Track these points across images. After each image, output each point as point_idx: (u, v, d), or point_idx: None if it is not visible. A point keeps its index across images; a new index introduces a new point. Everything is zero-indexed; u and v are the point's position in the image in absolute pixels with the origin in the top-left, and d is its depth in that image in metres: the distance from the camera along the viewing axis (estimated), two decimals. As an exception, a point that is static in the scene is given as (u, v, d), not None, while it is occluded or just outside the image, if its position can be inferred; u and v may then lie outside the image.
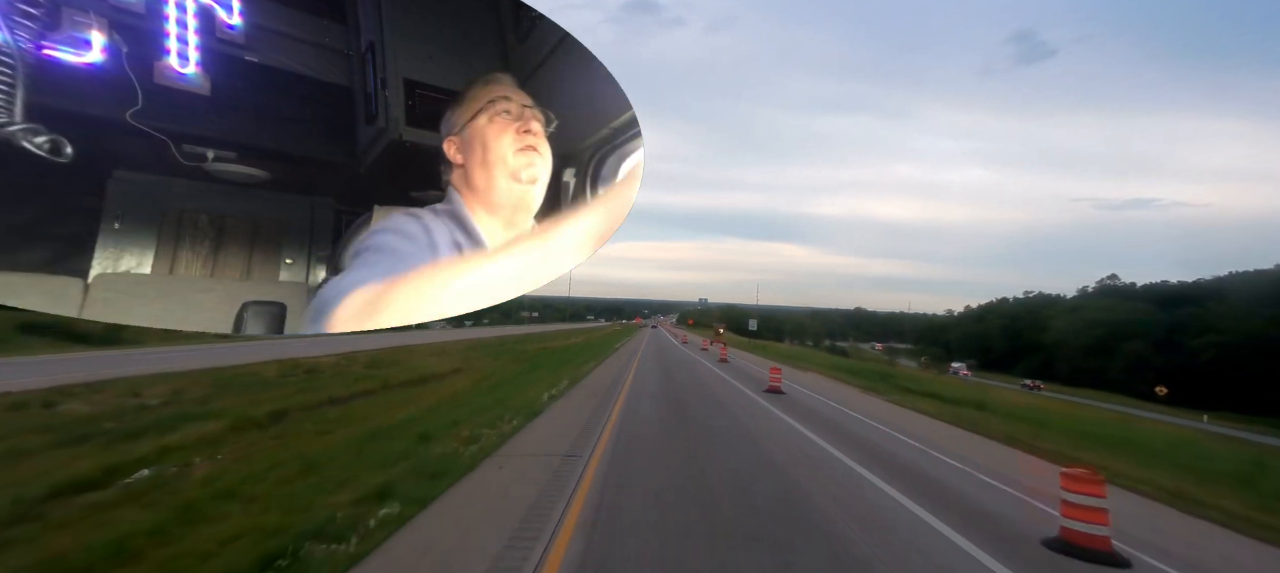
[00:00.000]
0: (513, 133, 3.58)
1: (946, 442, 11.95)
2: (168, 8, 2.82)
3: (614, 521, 5.85)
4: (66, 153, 2.65)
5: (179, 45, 2.85)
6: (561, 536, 5.36)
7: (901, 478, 8.24)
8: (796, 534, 5.66)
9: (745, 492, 7.14)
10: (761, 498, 6.86)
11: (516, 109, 3.62)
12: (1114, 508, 5.75)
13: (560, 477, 7.38)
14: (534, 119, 3.67)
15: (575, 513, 5.98)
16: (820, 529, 5.89)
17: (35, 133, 2.58)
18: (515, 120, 3.60)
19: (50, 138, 2.62)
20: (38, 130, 2.59)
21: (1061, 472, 5.86)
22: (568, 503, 6.31)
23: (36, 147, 2.59)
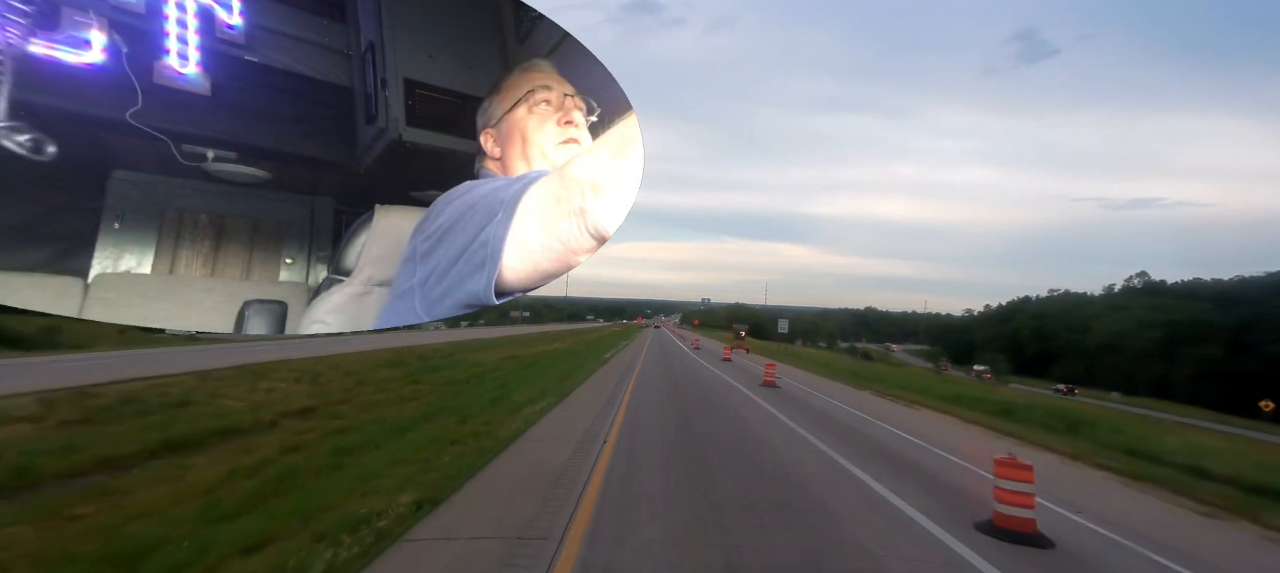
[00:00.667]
0: (554, 123, 3.34)
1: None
2: (168, 8, 2.82)
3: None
4: (66, 153, 2.66)
5: (179, 45, 2.85)
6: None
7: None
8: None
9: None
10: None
11: (558, 98, 3.39)
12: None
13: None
14: (576, 108, 3.43)
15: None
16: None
17: (35, 133, 2.58)
18: (556, 110, 3.36)
19: (50, 138, 2.62)
20: (38, 130, 2.59)
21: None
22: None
23: (38, 146, 2.59)
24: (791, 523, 5.47)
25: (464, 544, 4.66)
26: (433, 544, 4.63)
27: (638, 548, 4.67)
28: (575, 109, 3.41)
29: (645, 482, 6.62)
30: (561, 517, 5.26)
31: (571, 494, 5.94)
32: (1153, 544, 5.77)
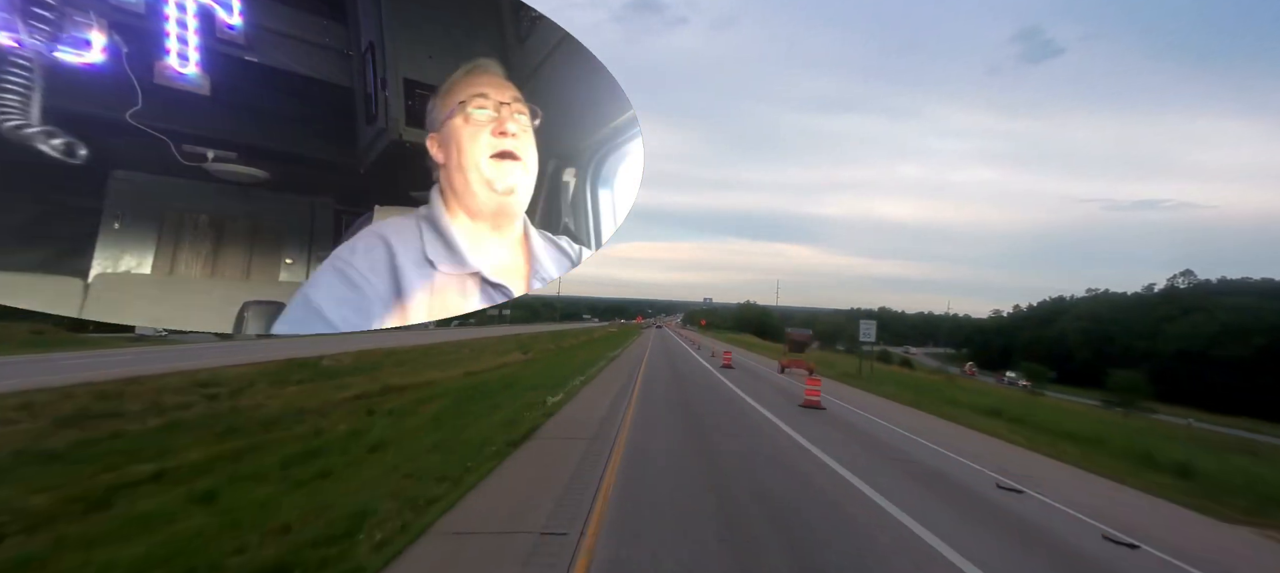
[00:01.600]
0: (488, 135, 3.20)
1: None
2: (168, 8, 2.82)
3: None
4: (66, 153, 2.66)
5: (179, 45, 2.86)
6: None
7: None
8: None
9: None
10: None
11: (494, 106, 3.22)
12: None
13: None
14: (513, 119, 3.25)
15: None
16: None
17: (37, 133, 2.58)
18: (490, 121, 3.21)
19: (52, 138, 2.62)
20: (39, 130, 2.59)
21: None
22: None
23: (38, 146, 2.59)
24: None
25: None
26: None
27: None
28: (512, 119, 3.25)
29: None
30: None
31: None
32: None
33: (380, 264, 3.11)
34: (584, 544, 3.71)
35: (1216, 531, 6.59)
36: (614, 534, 3.95)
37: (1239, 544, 6.12)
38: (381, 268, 3.11)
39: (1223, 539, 6.23)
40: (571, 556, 3.51)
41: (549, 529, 3.98)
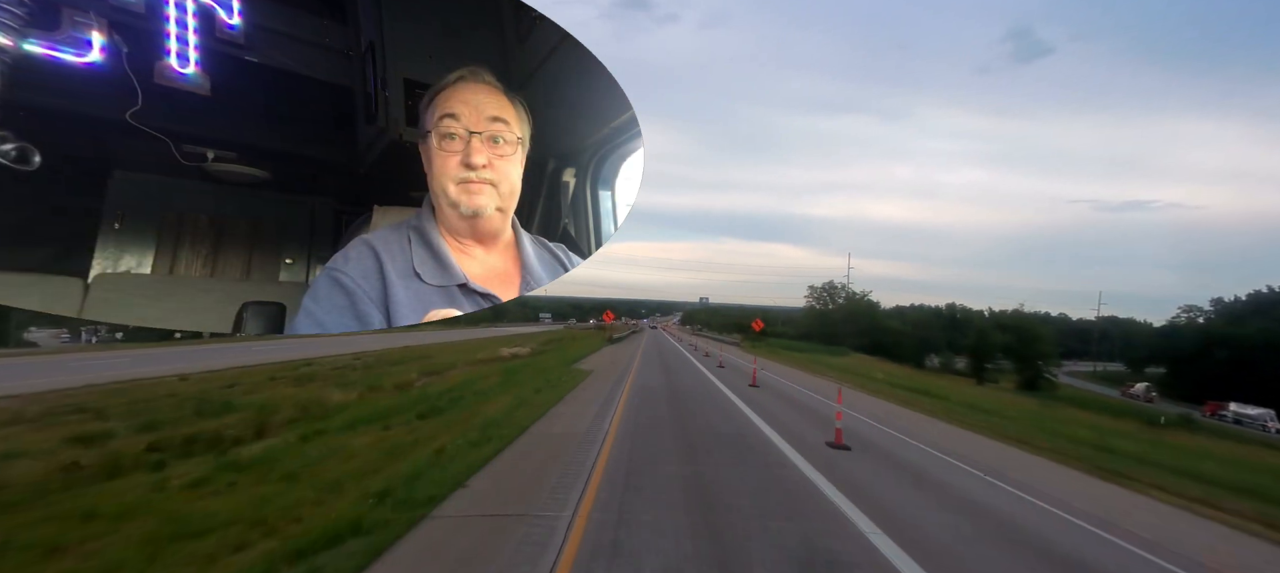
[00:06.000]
0: (455, 163, 3.08)
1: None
2: (168, 8, 2.81)
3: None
4: (66, 153, 2.65)
5: (179, 45, 2.85)
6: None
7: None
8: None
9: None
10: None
11: (464, 133, 3.07)
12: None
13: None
14: (481, 149, 3.09)
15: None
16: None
17: (35, 133, 2.58)
18: (459, 149, 3.07)
19: (51, 138, 2.61)
20: (37, 130, 2.58)
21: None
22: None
23: (38, 146, 2.59)
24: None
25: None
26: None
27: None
28: (480, 149, 3.09)
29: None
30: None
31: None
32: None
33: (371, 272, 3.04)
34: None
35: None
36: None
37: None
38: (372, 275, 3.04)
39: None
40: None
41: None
